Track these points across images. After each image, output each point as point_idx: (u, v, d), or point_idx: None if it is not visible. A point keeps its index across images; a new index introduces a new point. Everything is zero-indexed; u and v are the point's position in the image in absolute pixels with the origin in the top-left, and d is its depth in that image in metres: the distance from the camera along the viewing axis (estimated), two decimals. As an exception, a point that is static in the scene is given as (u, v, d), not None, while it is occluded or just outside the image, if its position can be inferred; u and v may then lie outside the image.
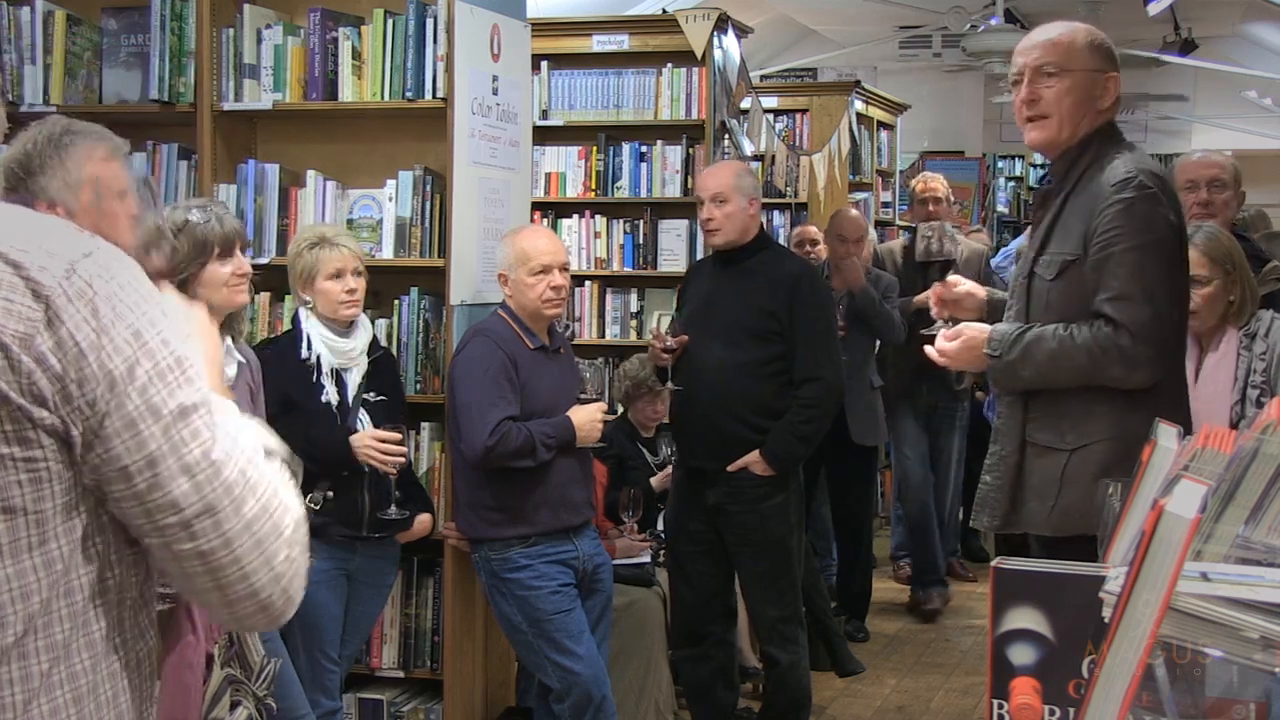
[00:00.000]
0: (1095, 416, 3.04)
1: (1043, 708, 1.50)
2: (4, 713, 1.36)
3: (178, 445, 1.39)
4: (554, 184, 6.42)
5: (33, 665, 1.38)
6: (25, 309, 1.33)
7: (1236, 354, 3.69)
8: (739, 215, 4.56)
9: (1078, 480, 3.05)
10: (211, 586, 1.44)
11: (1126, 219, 2.96)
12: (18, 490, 1.35)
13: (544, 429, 4.05)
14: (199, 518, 1.40)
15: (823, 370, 4.54)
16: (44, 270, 1.34)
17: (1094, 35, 3.15)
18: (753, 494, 4.56)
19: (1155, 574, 1.27)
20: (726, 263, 4.66)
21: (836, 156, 8.15)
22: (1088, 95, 3.09)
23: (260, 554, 1.44)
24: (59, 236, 1.39)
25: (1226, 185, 4.44)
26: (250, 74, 4.50)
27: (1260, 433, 1.43)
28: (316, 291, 3.94)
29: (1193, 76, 13.85)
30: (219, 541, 1.41)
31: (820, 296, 4.66)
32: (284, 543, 1.47)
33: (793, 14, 11.30)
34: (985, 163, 13.15)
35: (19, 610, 1.36)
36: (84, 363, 1.34)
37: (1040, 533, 3.14)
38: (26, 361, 1.32)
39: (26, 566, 1.37)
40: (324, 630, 3.95)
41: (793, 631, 4.73)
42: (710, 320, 4.60)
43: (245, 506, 1.43)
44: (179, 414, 1.39)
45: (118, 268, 1.40)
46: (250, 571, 1.44)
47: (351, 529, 3.96)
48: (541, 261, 4.12)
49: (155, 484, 1.38)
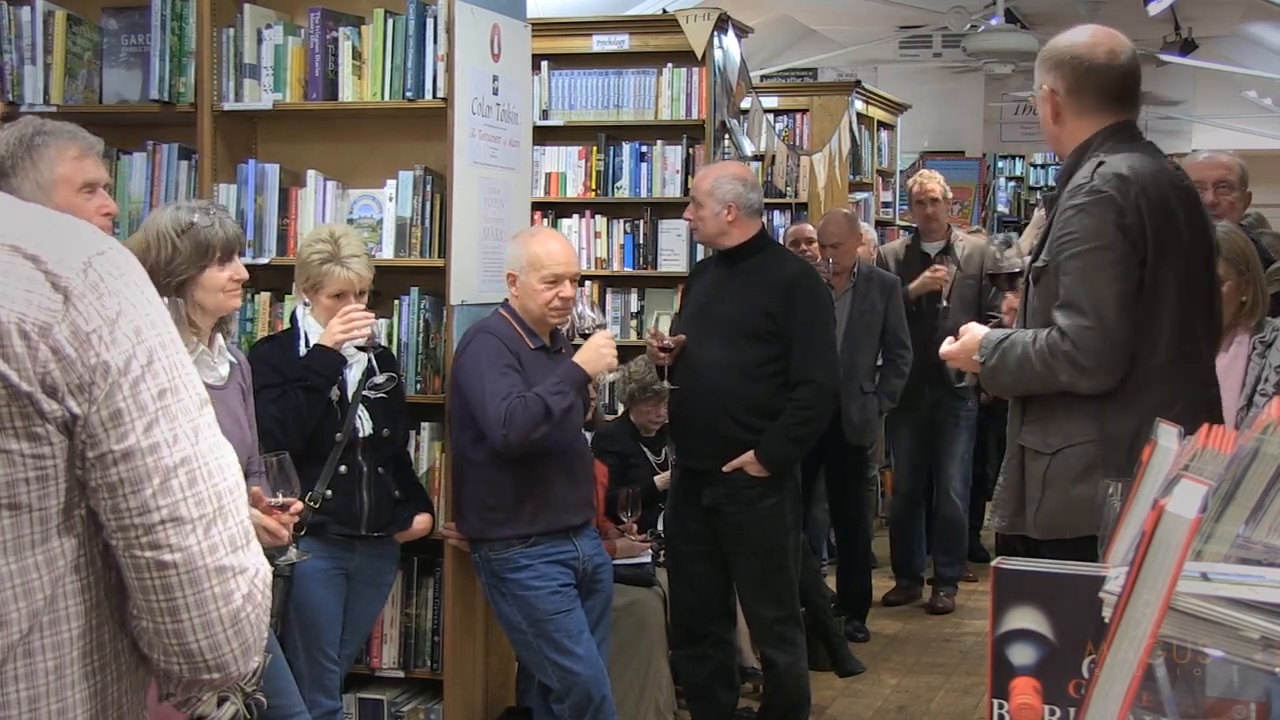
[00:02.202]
0: (1075, 419, 3.06)
1: (1043, 708, 1.50)
2: (8, 710, 1.37)
3: (158, 445, 1.39)
4: (554, 184, 6.42)
5: (38, 663, 1.38)
6: (46, 299, 1.35)
7: (1247, 358, 3.68)
8: (711, 220, 4.59)
9: (1056, 483, 3.09)
10: (164, 606, 1.41)
11: (1075, 225, 3.00)
12: (24, 488, 1.36)
13: (549, 383, 3.99)
14: (163, 525, 1.39)
15: (817, 373, 4.54)
16: (62, 263, 1.37)
17: (1051, 48, 3.20)
18: (748, 494, 4.56)
19: (1155, 574, 1.27)
20: (728, 263, 4.67)
21: (837, 156, 8.16)
22: (1052, 109, 3.17)
23: (221, 585, 1.42)
24: (74, 233, 1.42)
25: (1233, 186, 4.43)
26: (250, 74, 4.50)
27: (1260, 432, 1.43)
28: (317, 303, 3.94)
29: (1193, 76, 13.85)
30: (180, 556, 1.39)
31: (817, 298, 4.67)
32: (248, 586, 1.44)
33: (793, 14, 11.31)
34: (985, 163, 13.16)
35: (22, 608, 1.37)
36: (89, 352, 1.36)
37: (1029, 535, 3.17)
38: (44, 350, 1.34)
39: (29, 564, 1.37)
40: (323, 629, 3.95)
41: (790, 632, 4.72)
42: (709, 320, 4.61)
43: (214, 530, 1.41)
44: (165, 415, 1.39)
45: (128, 267, 1.43)
46: (206, 599, 1.41)
47: (350, 528, 3.96)
48: (555, 271, 4.11)
49: (129, 478, 1.38)
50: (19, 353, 1.34)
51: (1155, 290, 3.05)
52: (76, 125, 2.96)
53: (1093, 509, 3.03)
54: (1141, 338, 3.03)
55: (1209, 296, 3.20)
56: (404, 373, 4.38)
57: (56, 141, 2.88)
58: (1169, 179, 3.11)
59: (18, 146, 2.83)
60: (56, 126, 2.93)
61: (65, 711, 1.39)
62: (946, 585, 7.03)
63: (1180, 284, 3.07)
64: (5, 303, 1.34)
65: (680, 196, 6.24)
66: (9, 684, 1.36)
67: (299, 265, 4.00)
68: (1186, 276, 3.09)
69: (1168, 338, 3.06)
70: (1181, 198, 3.12)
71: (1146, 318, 3.04)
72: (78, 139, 2.90)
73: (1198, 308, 3.14)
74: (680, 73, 6.20)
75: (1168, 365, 3.06)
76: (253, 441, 3.54)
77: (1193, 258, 3.12)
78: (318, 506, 3.80)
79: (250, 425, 3.54)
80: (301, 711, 3.62)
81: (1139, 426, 2.97)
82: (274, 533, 3.23)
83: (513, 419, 3.94)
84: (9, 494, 1.35)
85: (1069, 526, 3.08)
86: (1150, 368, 3.04)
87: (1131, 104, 3.20)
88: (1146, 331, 3.04)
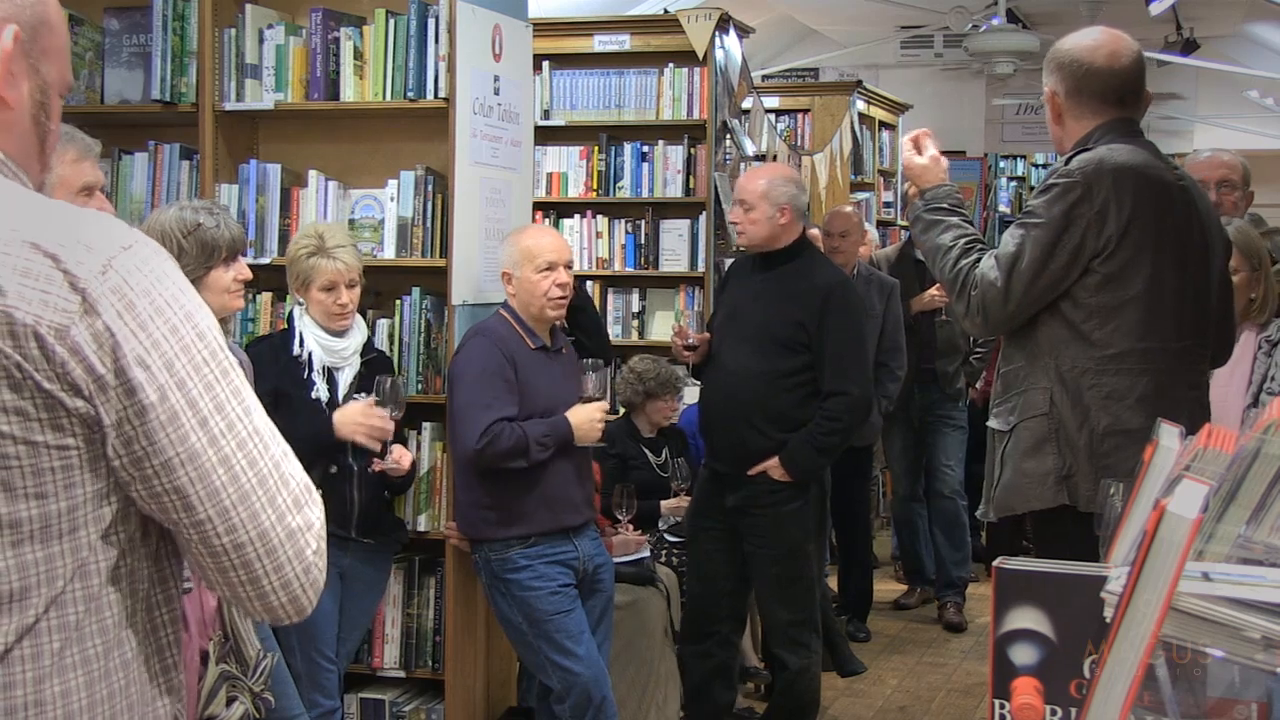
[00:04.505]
0: (1031, 395, 3.13)
1: (1044, 708, 1.50)
2: (14, 689, 1.38)
3: (216, 438, 1.41)
4: (555, 184, 6.42)
5: (44, 644, 1.39)
6: (62, 300, 1.35)
7: (1253, 355, 3.67)
8: (764, 223, 4.56)
9: (1011, 458, 3.16)
10: (245, 579, 1.46)
11: (1037, 202, 3.14)
12: (50, 477, 1.38)
13: (539, 429, 4.04)
14: (233, 508, 1.42)
15: (851, 384, 4.52)
16: (81, 264, 1.36)
17: (1055, 49, 3.24)
18: (771, 498, 4.57)
19: (1157, 574, 1.27)
20: (764, 266, 4.65)
21: (838, 156, 8.16)
22: (1054, 110, 3.23)
23: (294, 547, 1.47)
24: (98, 229, 1.41)
25: (1236, 186, 4.43)
26: (252, 74, 4.51)
27: (1261, 433, 1.43)
28: (309, 299, 3.95)
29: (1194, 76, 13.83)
30: (255, 533, 1.44)
31: (852, 308, 4.63)
32: (316, 541, 1.50)
33: (794, 14, 11.30)
34: (987, 163, 13.15)
35: (44, 593, 1.39)
36: (120, 354, 1.36)
37: (990, 515, 3.27)
38: (60, 351, 1.35)
39: (55, 552, 1.39)
40: (319, 629, 3.95)
41: (805, 636, 4.72)
42: (741, 326, 4.61)
43: (279, 499, 1.45)
44: (216, 408, 1.42)
45: (155, 261, 1.43)
46: (283, 563, 1.46)
47: (340, 528, 3.96)
48: (547, 259, 4.12)
49: (197, 476, 1.40)
50: (35, 354, 1.35)
51: (1120, 280, 3.05)
52: (74, 127, 2.95)
53: (1042, 483, 3.08)
54: (1100, 325, 3.05)
55: (1201, 295, 3.17)
56: (404, 373, 4.39)
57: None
58: (1158, 173, 3.10)
59: None
60: None
61: (69, 694, 1.41)
62: (954, 592, 6.97)
63: (1151, 279, 3.05)
64: (23, 304, 1.34)
65: (681, 197, 6.25)
66: (15, 665, 1.38)
67: (289, 265, 4.02)
68: (1163, 273, 3.07)
69: (1128, 330, 3.06)
70: (1172, 195, 3.11)
71: (1105, 306, 3.05)
72: (76, 141, 2.90)
73: (1181, 306, 3.11)
74: (681, 73, 6.20)
75: (1126, 356, 3.05)
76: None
77: (1180, 256, 3.10)
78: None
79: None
80: (301, 713, 3.61)
81: (1089, 411, 3.05)
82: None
83: (496, 440, 3.97)
84: (35, 484, 1.37)
85: (1020, 502, 3.12)
86: (1104, 356, 3.05)
87: (1133, 105, 3.20)
88: (1105, 320, 3.05)
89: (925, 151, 3.31)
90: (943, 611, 6.91)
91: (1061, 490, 3.08)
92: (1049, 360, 3.10)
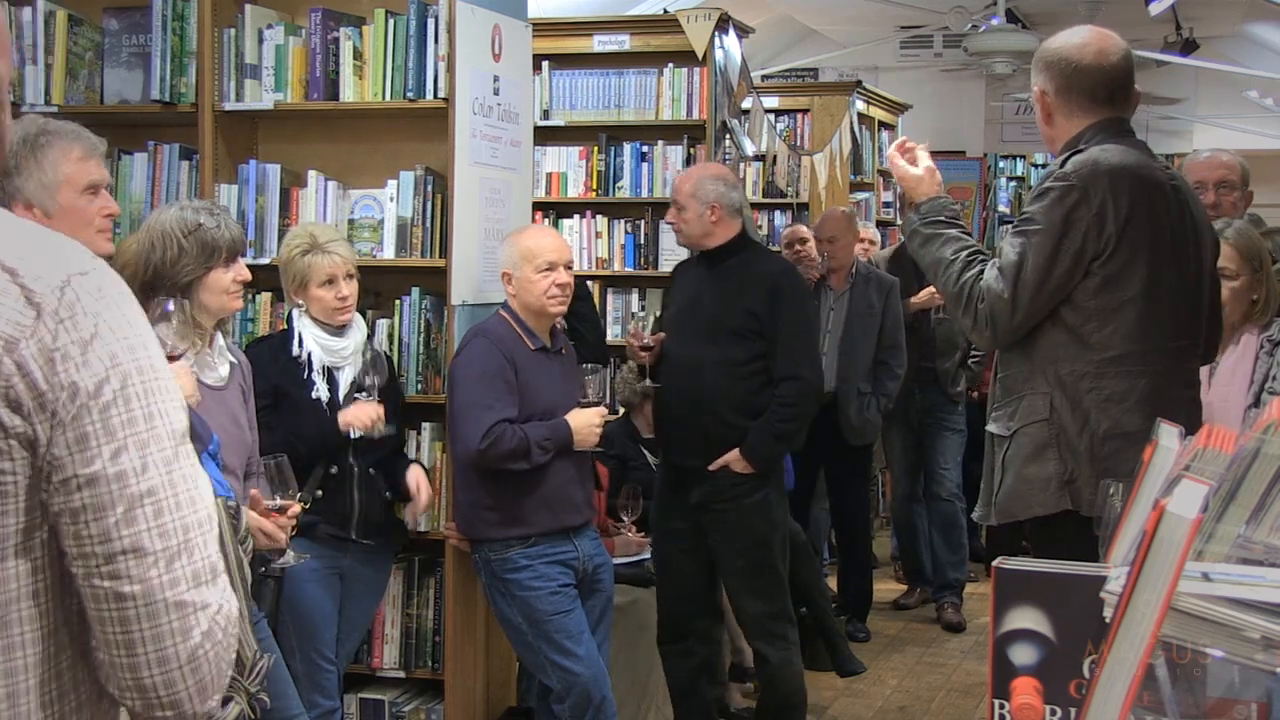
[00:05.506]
0: (1031, 400, 3.12)
1: (1044, 708, 1.50)
2: None
3: (124, 473, 1.34)
4: (555, 184, 6.42)
5: None
6: (17, 314, 1.31)
7: (1255, 356, 3.67)
8: (695, 221, 4.63)
9: (1012, 464, 3.16)
10: (120, 639, 1.37)
11: (1034, 207, 3.12)
12: None
13: (540, 432, 4.05)
14: (124, 555, 1.34)
15: (801, 369, 4.57)
16: (39, 279, 1.33)
17: (1043, 49, 3.24)
18: (733, 491, 4.58)
19: (1156, 574, 1.27)
20: (710, 263, 4.69)
21: (838, 156, 8.15)
22: (1043, 110, 3.22)
23: (180, 620, 1.37)
24: (58, 250, 1.37)
25: (1234, 186, 4.43)
26: (251, 74, 4.50)
27: (1261, 433, 1.43)
28: (310, 297, 3.95)
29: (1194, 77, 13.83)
30: (139, 588, 1.35)
31: (799, 296, 4.71)
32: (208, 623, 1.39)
33: (794, 14, 11.30)
34: (986, 163, 13.14)
35: None
36: (56, 372, 1.32)
37: (990, 520, 3.26)
38: (8, 364, 1.30)
39: None
40: (319, 629, 3.95)
41: (780, 628, 4.72)
42: (693, 319, 4.64)
43: (177, 564, 1.37)
44: (135, 442, 1.35)
45: (111, 290, 1.38)
46: (163, 634, 1.37)
47: (340, 528, 3.96)
48: (547, 258, 4.13)
49: (92, 504, 1.33)
50: None
51: (1118, 282, 3.05)
52: (80, 125, 2.95)
53: (1044, 489, 3.08)
54: (1099, 328, 3.05)
55: (1193, 294, 3.18)
56: (404, 373, 4.39)
57: (60, 142, 2.88)
58: (1151, 173, 3.10)
59: (22, 145, 2.82)
60: (60, 126, 2.92)
61: None
62: (950, 593, 6.97)
63: (1149, 279, 3.06)
64: None
65: (681, 197, 6.24)
66: None
67: (283, 267, 4.01)
68: (1159, 273, 3.07)
69: (1126, 332, 3.06)
70: (1166, 194, 3.11)
71: (1104, 308, 3.05)
72: (81, 139, 2.90)
73: (1176, 305, 3.12)
74: (681, 73, 6.20)
75: (1124, 358, 3.06)
76: (252, 442, 3.54)
77: (1175, 255, 3.11)
78: (308, 507, 3.80)
79: (250, 426, 3.54)
80: (300, 713, 3.61)
81: (1089, 415, 3.05)
82: (271, 536, 3.22)
83: (498, 442, 3.98)
84: None
85: (1022, 508, 3.12)
86: (1103, 359, 3.06)
87: (1123, 103, 3.20)
88: (1104, 322, 3.05)
89: (920, 163, 3.31)
90: (941, 612, 6.92)
91: (1064, 495, 3.08)
92: (1048, 365, 3.10)
